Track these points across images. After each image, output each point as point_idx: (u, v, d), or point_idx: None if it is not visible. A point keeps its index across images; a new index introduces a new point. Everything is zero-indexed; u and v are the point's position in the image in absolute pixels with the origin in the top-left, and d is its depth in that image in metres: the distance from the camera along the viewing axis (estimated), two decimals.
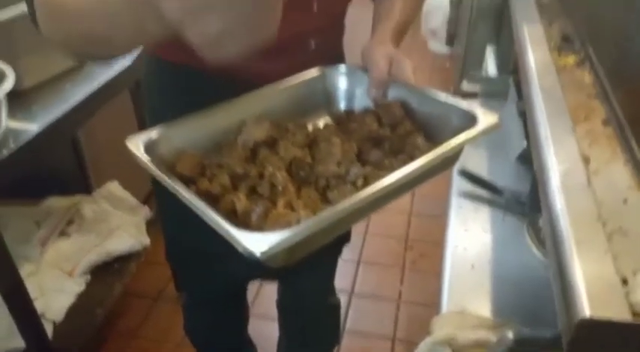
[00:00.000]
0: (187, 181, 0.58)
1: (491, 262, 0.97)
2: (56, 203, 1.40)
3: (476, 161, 1.21)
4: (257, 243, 0.45)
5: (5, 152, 0.79)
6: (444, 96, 0.75)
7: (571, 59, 1.02)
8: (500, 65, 1.90)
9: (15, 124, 0.85)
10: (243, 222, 0.54)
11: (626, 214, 0.62)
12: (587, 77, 0.94)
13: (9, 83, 0.77)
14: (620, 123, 0.78)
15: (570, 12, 1.21)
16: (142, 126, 1.38)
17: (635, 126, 0.76)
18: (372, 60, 0.75)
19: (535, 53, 1.00)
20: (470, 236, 1.00)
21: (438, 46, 3.46)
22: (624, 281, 0.50)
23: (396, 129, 0.73)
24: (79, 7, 0.54)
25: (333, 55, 0.94)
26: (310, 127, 0.74)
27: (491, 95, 1.52)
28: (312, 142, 0.69)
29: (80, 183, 1.53)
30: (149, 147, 0.60)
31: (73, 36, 0.60)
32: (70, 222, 1.38)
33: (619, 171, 0.70)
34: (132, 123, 1.38)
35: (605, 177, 0.68)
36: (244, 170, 0.61)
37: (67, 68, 1.03)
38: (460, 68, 2.42)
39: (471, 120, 0.69)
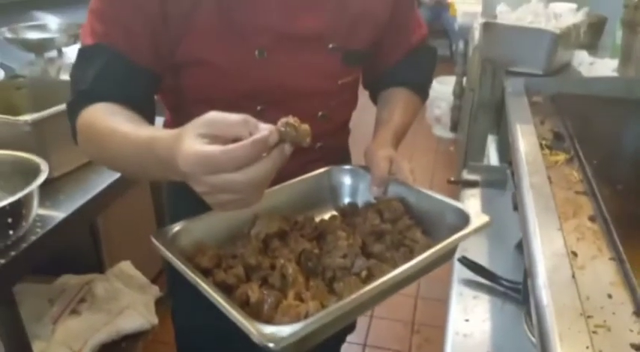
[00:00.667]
0: (205, 271, 0.64)
1: (490, 350, 0.99)
2: (70, 281, 1.45)
3: (476, 249, 1.25)
4: (271, 334, 0.50)
5: (33, 237, 0.86)
6: (439, 196, 0.81)
7: (561, 156, 1.09)
8: (501, 154, 1.98)
9: (43, 211, 0.92)
10: (255, 311, 0.59)
11: (610, 309, 0.65)
12: (575, 174, 1.01)
13: (42, 177, 0.85)
14: (605, 220, 0.83)
15: (561, 111, 1.30)
16: (158, 209, 1.45)
17: (619, 223, 0.82)
18: (374, 161, 0.81)
19: (527, 151, 1.07)
20: (470, 324, 1.02)
21: (443, 131, 3.60)
22: None
23: (397, 224, 0.79)
24: (112, 150, 0.67)
25: (339, 153, 1.02)
26: (318, 219, 0.80)
27: (492, 184, 1.58)
28: (319, 235, 0.75)
29: (94, 261, 1.58)
30: (172, 241, 0.66)
31: (103, 163, 0.75)
32: (82, 300, 1.42)
33: (604, 266, 0.74)
34: (147, 205, 1.46)
35: (590, 273, 0.72)
36: (257, 261, 0.66)
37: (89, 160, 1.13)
38: (463, 156, 2.52)
39: (463, 218, 0.75)
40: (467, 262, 1.14)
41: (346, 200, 0.86)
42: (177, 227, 0.68)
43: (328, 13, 0.81)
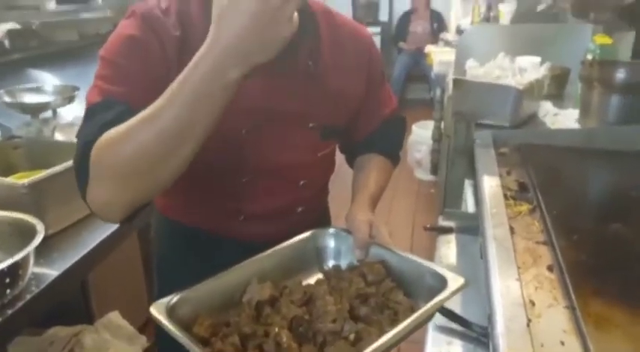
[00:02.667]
0: (203, 340, 0.69)
1: None
2: (59, 332, 1.47)
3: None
4: None
5: (29, 295, 0.91)
6: (417, 259, 0.87)
7: (524, 207, 1.17)
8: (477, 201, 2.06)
9: (38, 269, 0.97)
10: None
11: None
12: (536, 225, 1.09)
13: (39, 238, 0.91)
14: (561, 270, 0.91)
15: (526, 162, 1.39)
16: (146, 262, 1.50)
17: (574, 272, 0.89)
18: (355, 225, 0.86)
19: (491, 203, 1.15)
20: None
21: (423, 174, 3.70)
22: None
23: (380, 286, 0.85)
24: (150, 128, 0.66)
25: (319, 213, 1.09)
26: (305, 283, 0.85)
27: (466, 230, 1.64)
28: (309, 300, 0.80)
29: (83, 312, 1.61)
30: (170, 312, 0.70)
31: (138, 158, 0.67)
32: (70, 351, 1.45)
33: (558, 315, 0.81)
34: (135, 254, 1.51)
35: (545, 321, 0.79)
36: (252, 330, 0.71)
37: (84, 217, 1.19)
38: (442, 200, 2.60)
39: (441, 280, 0.81)
40: (442, 309, 1.20)
41: (330, 262, 0.92)
42: (174, 298, 0.72)
43: (309, 95, 0.90)
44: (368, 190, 0.96)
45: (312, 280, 0.87)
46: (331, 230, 0.93)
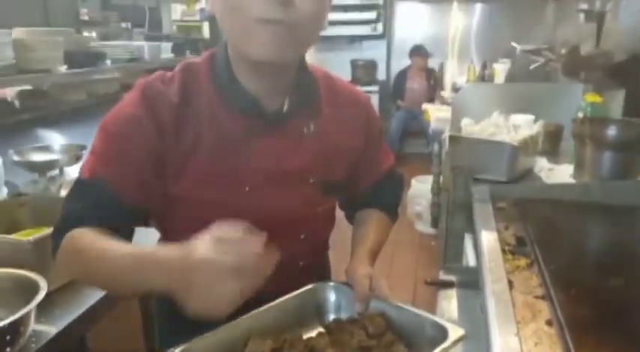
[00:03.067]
0: None
1: None
2: None
3: (453, 350, 1.30)
4: None
5: None
6: (417, 310, 0.88)
7: (522, 262, 1.18)
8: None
9: (38, 327, 0.97)
10: None
11: None
12: (534, 279, 1.10)
13: (41, 295, 0.92)
14: (561, 325, 0.91)
15: (523, 216, 1.41)
16: (145, 320, 1.49)
17: (573, 328, 0.89)
18: (355, 279, 0.89)
19: (490, 258, 1.17)
20: None
21: (424, 227, 3.72)
22: None
23: (381, 339, 0.85)
24: (104, 266, 0.77)
25: (319, 269, 1.11)
26: (305, 337, 0.85)
27: (467, 285, 1.64)
28: None
29: None
30: None
31: (87, 277, 0.85)
32: None
33: None
34: (135, 315, 1.49)
35: None
36: None
37: None
38: (442, 253, 2.60)
39: (441, 330, 0.82)
40: None
41: (331, 316, 0.92)
42: (177, 350, 0.73)
43: (309, 153, 0.94)
44: (367, 245, 0.98)
45: (312, 333, 0.88)
46: (331, 284, 0.94)
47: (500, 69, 4.72)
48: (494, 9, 5.82)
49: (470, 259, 2.15)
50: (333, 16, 5.61)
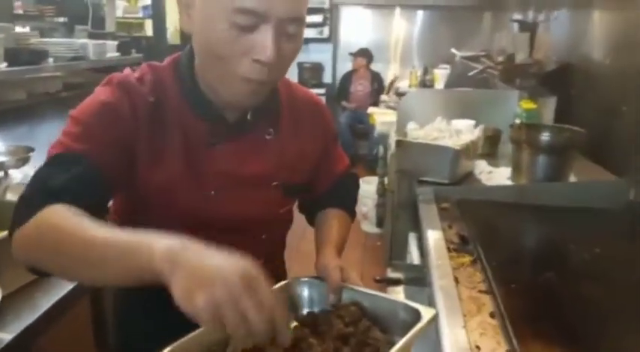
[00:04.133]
0: None
1: None
2: None
3: None
4: None
5: None
6: (388, 296, 0.94)
7: (466, 259, 1.26)
8: (421, 251, 2.15)
9: None
10: None
11: None
12: (478, 275, 1.18)
13: None
14: (502, 317, 0.99)
15: (465, 216, 1.50)
16: (97, 329, 1.46)
17: (514, 319, 0.97)
18: (327, 272, 0.92)
19: (436, 256, 1.24)
20: None
21: (370, 227, 3.82)
22: None
23: (357, 326, 0.89)
24: (78, 250, 0.70)
25: (276, 266, 1.15)
26: None
27: (414, 282, 1.72)
28: (293, 344, 0.81)
29: None
30: None
31: (54, 261, 0.74)
32: None
33: None
34: (86, 324, 1.46)
35: None
36: None
37: (36, 278, 1.17)
38: (388, 252, 2.69)
39: (413, 313, 0.86)
40: None
41: (306, 309, 0.95)
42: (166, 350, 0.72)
43: (272, 157, 0.98)
44: (333, 240, 1.02)
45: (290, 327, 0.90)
46: (304, 279, 0.96)
47: (441, 74, 4.90)
48: (434, 16, 6.04)
49: (414, 257, 2.24)
50: None
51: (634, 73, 1.79)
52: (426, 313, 0.85)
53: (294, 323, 0.92)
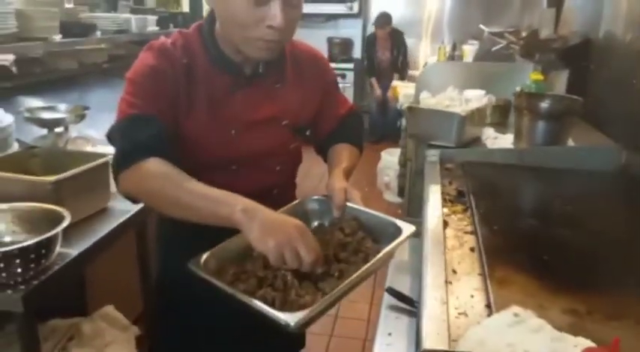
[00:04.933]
0: (228, 284, 0.92)
1: None
2: (59, 323, 1.65)
3: (401, 282, 1.53)
4: (291, 317, 0.81)
5: (56, 267, 1.14)
6: (382, 215, 1.13)
7: (459, 208, 1.43)
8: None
9: (62, 250, 1.19)
10: (270, 305, 0.88)
11: (470, 304, 0.97)
12: (466, 220, 1.35)
13: (66, 222, 1.13)
14: (480, 251, 1.16)
15: (467, 175, 1.66)
16: (142, 261, 1.71)
17: (489, 252, 1.14)
18: (334, 192, 1.10)
19: (432, 205, 1.41)
20: (392, 337, 1.30)
21: (392, 196, 3.99)
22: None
23: (354, 236, 1.08)
24: (180, 196, 0.96)
25: (287, 199, 1.32)
26: None
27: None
28: None
29: (78, 308, 1.80)
30: (204, 265, 0.93)
31: (154, 199, 1.01)
32: (70, 339, 1.62)
33: (473, 279, 1.06)
34: (131, 255, 1.71)
35: (463, 282, 1.04)
36: (264, 274, 0.96)
37: (96, 211, 1.44)
38: (406, 215, 2.86)
39: (398, 229, 1.08)
40: (392, 292, 1.44)
41: (316, 222, 1.17)
42: (205, 255, 0.96)
43: (280, 103, 1.19)
44: (342, 166, 1.21)
45: None
46: (315, 197, 1.18)
47: (469, 50, 4.96)
48: None
49: None
50: None
51: None
52: (407, 229, 1.07)
53: None
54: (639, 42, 1.96)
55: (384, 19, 5.61)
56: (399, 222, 1.09)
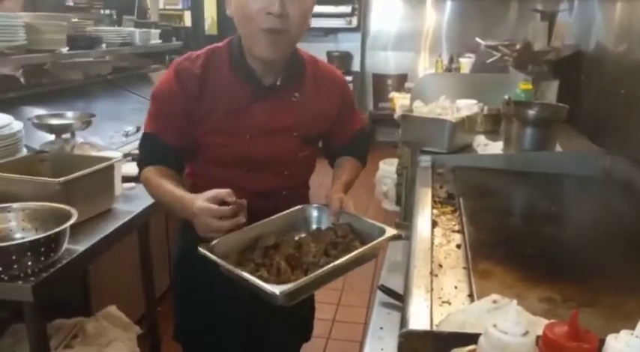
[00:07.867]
0: None
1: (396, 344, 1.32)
2: (64, 322, 1.71)
3: (393, 281, 1.59)
4: (277, 288, 0.95)
5: (64, 261, 1.22)
6: (371, 220, 1.25)
7: (448, 209, 1.50)
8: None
9: (69, 246, 1.27)
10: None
11: (453, 294, 1.04)
12: (454, 220, 1.42)
13: (73, 219, 1.21)
14: (465, 248, 1.23)
15: (457, 179, 1.73)
16: (144, 261, 1.77)
17: (474, 248, 1.21)
18: (331, 201, 1.25)
19: (422, 206, 1.48)
20: (383, 330, 1.36)
21: (389, 205, 4.04)
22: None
23: (345, 238, 1.22)
24: (159, 194, 1.23)
25: (300, 201, 1.41)
26: (297, 238, 1.22)
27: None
28: (299, 245, 1.18)
29: (82, 308, 1.86)
30: (211, 250, 1.08)
31: (152, 195, 1.29)
32: (74, 337, 1.68)
33: (457, 272, 1.13)
34: (134, 255, 1.78)
35: (448, 275, 1.11)
36: (262, 261, 1.11)
37: (101, 211, 1.51)
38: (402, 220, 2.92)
39: (383, 232, 1.20)
40: (384, 289, 1.50)
41: (314, 226, 1.30)
42: (214, 242, 1.10)
43: (294, 115, 1.30)
44: (342, 180, 1.36)
45: (302, 236, 1.25)
46: (314, 205, 1.33)
47: (466, 63, 5.05)
48: (463, 6, 6.17)
49: None
50: None
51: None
52: (389, 232, 1.20)
53: (303, 235, 1.25)
54: (628, 53, 2.04)
55: None
56: (385, 227, 1.22)
